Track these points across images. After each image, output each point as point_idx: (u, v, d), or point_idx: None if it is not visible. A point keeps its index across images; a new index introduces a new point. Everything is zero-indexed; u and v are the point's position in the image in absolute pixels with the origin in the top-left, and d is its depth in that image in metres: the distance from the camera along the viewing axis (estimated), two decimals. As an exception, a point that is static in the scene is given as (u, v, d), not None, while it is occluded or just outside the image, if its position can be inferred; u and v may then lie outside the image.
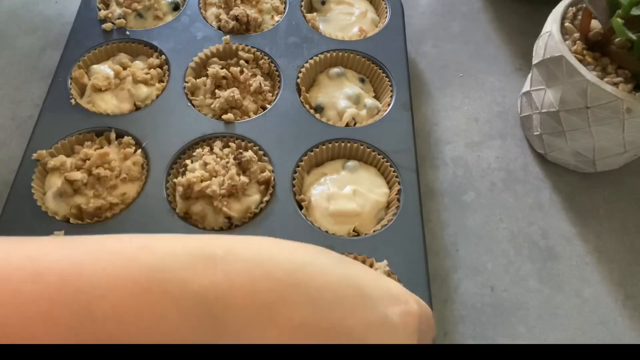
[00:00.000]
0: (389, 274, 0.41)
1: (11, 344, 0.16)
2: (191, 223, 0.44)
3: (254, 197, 0.45)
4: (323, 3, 0.60)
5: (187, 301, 0.18)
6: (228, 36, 0.55)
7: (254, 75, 0.53)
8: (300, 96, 0.52)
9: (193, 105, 0.51)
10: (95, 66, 0.53)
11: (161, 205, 0.44)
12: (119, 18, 0.56)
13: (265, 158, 0.47)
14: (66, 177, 0.44)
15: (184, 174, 0.46)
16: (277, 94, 0.52)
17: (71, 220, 0.43)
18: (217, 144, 0.48)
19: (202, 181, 0.44)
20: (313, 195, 0.46)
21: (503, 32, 0.65)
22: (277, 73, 0.53)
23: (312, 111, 0.51)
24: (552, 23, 0.46)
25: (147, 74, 0.52)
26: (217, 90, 0.51)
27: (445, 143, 0.56)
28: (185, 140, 0.48)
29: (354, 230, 0.45)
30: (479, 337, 0.44)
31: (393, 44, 0.56)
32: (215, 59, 0.54)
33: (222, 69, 0.51)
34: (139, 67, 0.53)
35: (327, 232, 0.44)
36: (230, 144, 0.48)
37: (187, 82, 0.52)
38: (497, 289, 0.46)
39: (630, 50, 0.44)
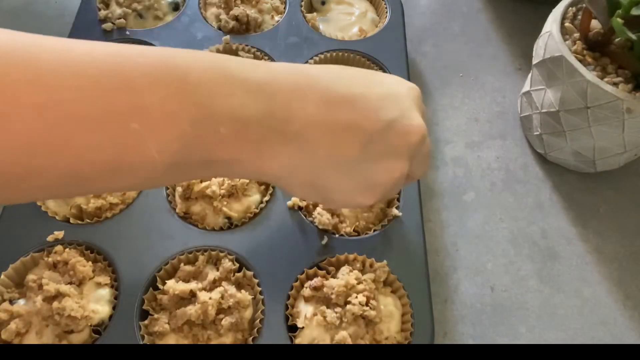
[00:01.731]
0: (388, 274, 0.41)
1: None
2: (191, 223, 0.44)
3: (254, 197, 0.45)
4: (323, 3, 0.60)
5: (250, 84, 0.27)
6: (228, 36, 0.55)
7: (254, 75, 0.53)
8: (300, 96, 0.52)
9: (193, 105, 0.50)
10: (95, 66, 0.53)
11: (161, 205, 0.44)
12: (119, 18, 0.56)
13: (265, 158, 0.47)
14: (66, 177, 0.44)
15: (184, 174, 0.46)
16: (277, 94, 0.52)
17: (71, 220, 0.43)
18: (217, 144, 0.47)
19: (201, 181, 0.44)
20: (313, 195, 0.46)
21: (503, 32, 0.65)
22: (277, 73, 0.53)
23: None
24: (552, 23, 0.46)
25: (147, 74, 0.52)
26: (217, 90, 0.51)
27: (445, 143, 0.56)
28: (185, 140, 0.48)
29: (354, 230, 0.45)
30: (479, 337, 0.44)
31: (393, 44, 0.56)
32: (215, 59, 0.54)
33: (222, 69, 0.51)
34: (139, 67, 0.53)
35: (327, 231, 0.44)
36: (230, 144, 0.48)
37: (187, 82, 0.52)
38: (497, 289, 0.46)
39: (630, 50, 0.44)
